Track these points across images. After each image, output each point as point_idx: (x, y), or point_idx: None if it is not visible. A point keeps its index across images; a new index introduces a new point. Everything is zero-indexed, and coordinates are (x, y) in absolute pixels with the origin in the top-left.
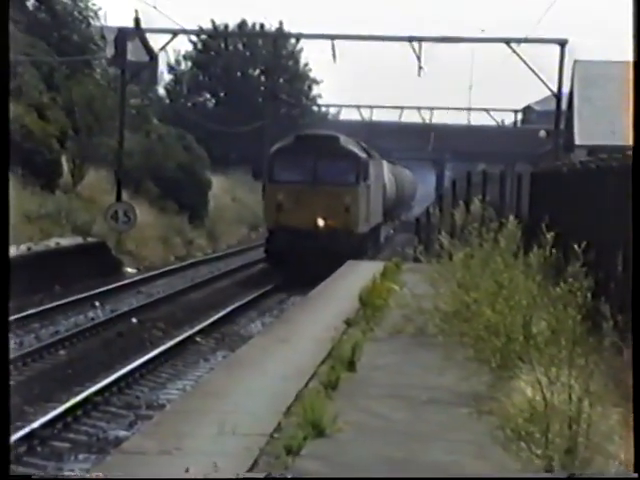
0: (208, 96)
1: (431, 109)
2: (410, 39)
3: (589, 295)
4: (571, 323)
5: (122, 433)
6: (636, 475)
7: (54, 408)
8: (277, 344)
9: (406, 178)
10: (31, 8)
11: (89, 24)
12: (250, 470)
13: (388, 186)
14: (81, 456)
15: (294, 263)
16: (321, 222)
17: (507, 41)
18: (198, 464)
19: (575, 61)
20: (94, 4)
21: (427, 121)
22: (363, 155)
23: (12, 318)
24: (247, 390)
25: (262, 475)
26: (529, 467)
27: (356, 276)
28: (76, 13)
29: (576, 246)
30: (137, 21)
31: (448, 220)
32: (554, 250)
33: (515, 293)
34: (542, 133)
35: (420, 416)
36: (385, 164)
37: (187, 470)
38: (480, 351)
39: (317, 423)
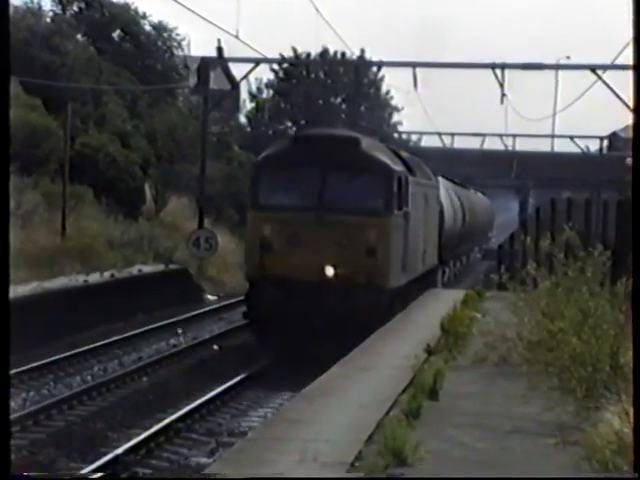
0: (289, 124)
1: (514, 136)
2: (493, 66)
3: None
4: None
5: (203, 460)
6: (636, 475)
7: (137, 434)
8: (357, 372)
9: (480, 204)
10: (116, 38)
11: (172, 53)
12: None
13: (448, 214)
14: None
15: (288, 336)
16: (330, 271)
17: (592, 68)
18: None
19: None
20: (178, 34)
21: (510, 148)
22: (398, 168)
23: (97, 345)
24: (328, 418)
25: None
26: None
27: (436, 304)
28: (160, 43)
29: None
30: (220, 50)
31: (532, 247)
32: None
33: (602, 322)
34: (629, 160)
35: (504, 446)
36: (443, 183)
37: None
38: (565, 381)
39: (398, 452)
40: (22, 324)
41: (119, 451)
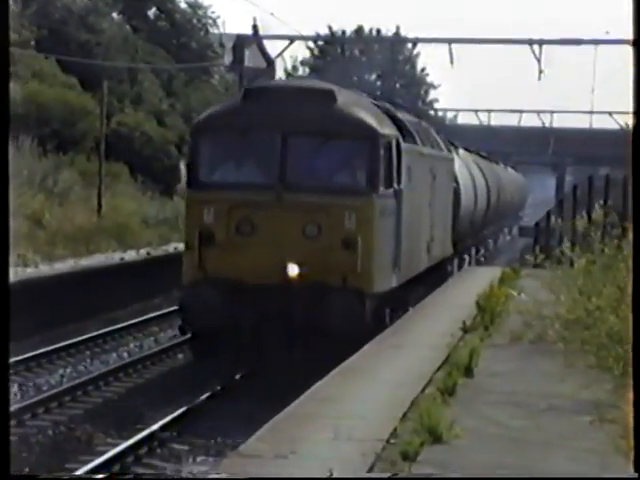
0: None
1: (551, 112)
2: (530, 42)
3: None
4: None
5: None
6: (636, 475)
7: (170, 413)
8: (391, 350)
9: (510, 181)
10: (152, 17)
11: (207, 31)
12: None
13: (466, 193)
14: (199, 458)
15: (239, 356)
16: (294, 270)
17: (631, 42)
18: (314, 468)
19: None
20: (213, 12)
21: (547, 125)
22: (387, 131)
23: (133, 322)
24: (363, 396)
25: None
26: None
27: (472, 282)
28: (195, 21)
29: None
30: (255, 28)
31: (569, 225)
32: None
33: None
34: None
35: (539, 424)
36: (463, 156)
37: (331, 473)
38: (602, 359)
39: (433, 429)
40: (59, 301)
41: (155, 427)
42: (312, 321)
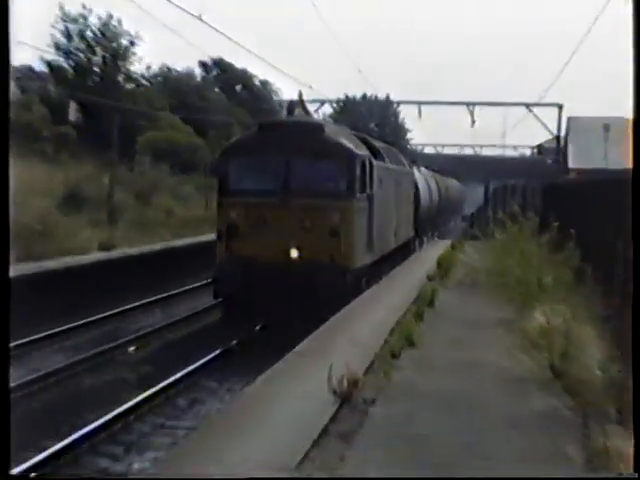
0: None
1: (481, 146)
2: (467, 104)
3: (577, 260)
4: (566, 277)
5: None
6: (636, 475)
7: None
8: (386, 290)
9: (454, 187)
10: (238, 90)
11: (272, 98)
12: (368, 370)
13: (424, 194)
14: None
15: (255, 313)
16: (294, 253)
17: (527, 105)
18: (336, 363)
19: (568, 117)
20: (276, 86)
21: (478, 154)
22: (361, 153)
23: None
24: (366, 318)
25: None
26: (540, 364)
27: (433, 251)
28: (265, 92)
29: (571, 230)
30: (300, 95)
31: (491, 214)
32: (557, 233)
33: (532, 259)
34: (548, 161)
35: (474, 333)
36: (423, 171)
37: (330, 368)
38: (510, 295)
39: (409, 338)
40: (185, 262)
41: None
42: (308, 289)
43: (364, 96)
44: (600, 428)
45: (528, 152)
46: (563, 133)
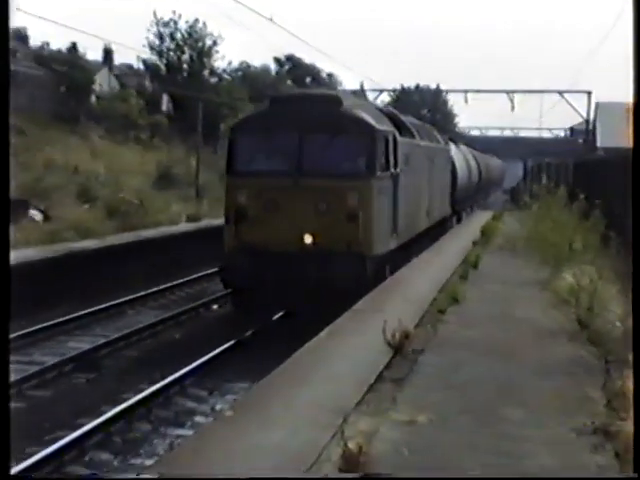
0: None
1: (519, 129)
2: (507, 91)
3: (603, 227)
4: (593, 242)
5: None
6: (636, 475)
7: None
8: (435, 255)
9: (496, 166)
10: (307, 82)
11: (337, 88)
12: (418, 324)
13: (462, 171)
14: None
15: (267, 305)
16: (308, 239)
17: (560, 92)
18: (393, 318)
19: (597, 103)
20: (341, 79)
21: (517, 135)
22: (382, 127)
23: None
24: (422, 278)
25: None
26: (569, 318)
27: (479, 218)
28: (331, 83)
29: (597, 201)
30: (362, 86)
31: (529, 188)
32: (585, 203)
33: (564, 226)
34: (579, 141)
35: (513, 291)
36: (462, 149)
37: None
38: (544, 258)
39: (455, 296)
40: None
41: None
42: (323, 280)
43: (417, 86)
44: (618, 373)
45: (562, 133)
46: (592, 116)
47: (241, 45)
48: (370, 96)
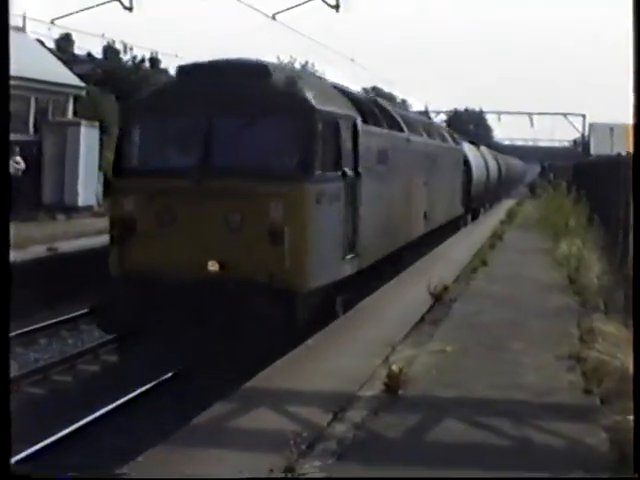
0: None
1: (537, 140)
2: (527, 113)
3: (588, 210)
4: (583, 221)
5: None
6: (636, 475)
7: None
8: (466, 234)
9: (518, 166)
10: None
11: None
12: (456, 280)
13: (478, 170)
14: None
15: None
16: (213, 266)
17: (564, 114)
18: (435, 276)
19: (590, 123)
20: (403, 99)
21: (536, 144)
22: (327, 108)
23: None
24: (458, 247)
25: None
26: (562, 276)
27: (505, 204)
28: (404, 106)
29: (583, 191)
30: (426, 107)
31: (544, 182)
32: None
33: (564, 209)
34: (579, 149)
35: (526, 257)
36: (482, 150)
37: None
38: (549, 232)
39: (484, 260)
40: None
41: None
42: (234, 324)
43: (466, 109)
44: (591, 316)
45: (566, 144)
46: (587, 132)
47: (333, 75)
48: (432, 116)
